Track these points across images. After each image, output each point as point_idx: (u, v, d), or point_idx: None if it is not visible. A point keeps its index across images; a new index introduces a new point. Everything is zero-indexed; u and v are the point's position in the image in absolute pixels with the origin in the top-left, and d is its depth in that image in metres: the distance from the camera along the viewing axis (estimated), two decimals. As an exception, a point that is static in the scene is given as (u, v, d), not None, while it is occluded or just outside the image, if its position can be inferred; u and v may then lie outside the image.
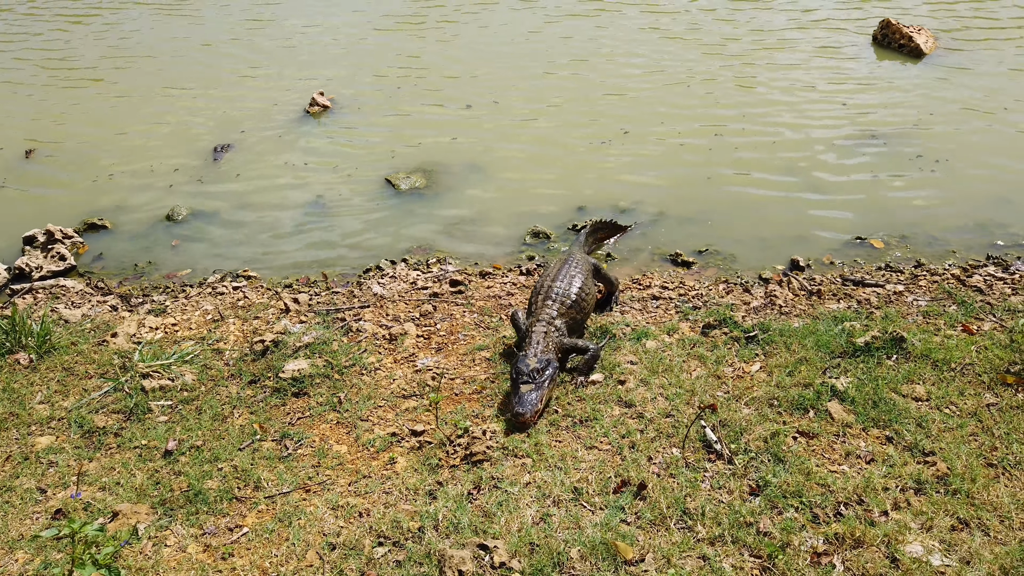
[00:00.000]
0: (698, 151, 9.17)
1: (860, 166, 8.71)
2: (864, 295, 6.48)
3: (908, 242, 7.38)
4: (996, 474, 4.35)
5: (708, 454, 4.61)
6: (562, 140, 9.63)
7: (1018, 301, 6.22)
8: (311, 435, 5.08)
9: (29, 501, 4.60)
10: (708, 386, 5.26)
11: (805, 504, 4.15)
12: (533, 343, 5.37)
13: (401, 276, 7.23)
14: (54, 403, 5.51)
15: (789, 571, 3.69)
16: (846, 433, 4.73)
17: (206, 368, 5.86)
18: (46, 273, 7.57)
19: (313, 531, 4.20)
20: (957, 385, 5.11)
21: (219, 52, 13.19)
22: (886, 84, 10.77)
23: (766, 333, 5.83)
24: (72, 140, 10.22)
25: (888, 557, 3.76)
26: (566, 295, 5.77)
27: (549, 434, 4.88)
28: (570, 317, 5.72)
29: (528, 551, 3.86)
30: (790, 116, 9.90)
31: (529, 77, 11.52)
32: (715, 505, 4.17)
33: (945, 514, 4.04)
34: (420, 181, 8.90)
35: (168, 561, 4.05)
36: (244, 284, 7.27)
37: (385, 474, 4.66)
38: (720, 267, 7.18)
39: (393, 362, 5.87)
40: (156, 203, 8.74)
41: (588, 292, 5.98)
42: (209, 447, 4.98)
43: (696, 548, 3.88)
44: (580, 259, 6.26)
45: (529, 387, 4.98)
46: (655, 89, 10.88)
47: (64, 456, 4.97)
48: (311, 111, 10.68)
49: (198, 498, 4.50)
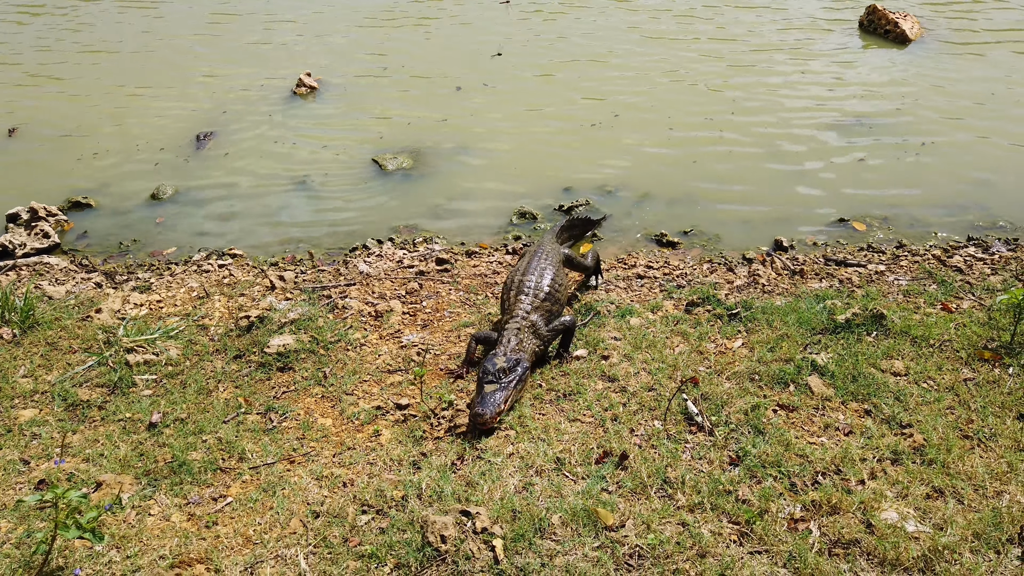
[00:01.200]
0: (686, 134, 9.20)
1: (844, 149, 8.77)
2: (846, 275, 6.54)
3: (890, 224, 7.46)
4: (971, 445, 4.43)
5: (689, 426, 4.67)
6: (551, 123, 9.64)
7: (997, 280, 6.30)
8: (296, 408, 5.09)
9: (12, 472, 4.59)
10: (690, 361, 5.31)
11: (784, 473, 4.21)
12: (505, 341, 5.18)
13: (387, 255, 7.24)
14: (37, 377, 5.49)
15: (767, 536, 3.76)
16: (825, 406, 4.80)
17: (191, 343, 5.86)
18: (30, 250, 7.53)
19: (297, 500, 4.22)
20: (935, 361, 5.18)
21: (205, 36, 13.08)
22: (871, 70, 10.83)
23: (749, 311, 5.89)
24: (57, 120, 10.12)
25: (864, 523, 3.83)
26: (538, 288, 5.56)
27: (533, 407, 4.92)
28: (545, 310, 5.49)
29: (510, 518, 3.90)
30: (776, 100, 9.94)
31: (519, 61, 11.49)
32: (695, 474, 4.23)
33: (921, 483, 4.12)
34: (407, 162, 8.89)
35: (152, 529, 4.07)
36: (230, 262, 7.25)
37: (370, 446, 4.68)
38: (705, 247, 7.23)
39: (379, 338, 5.88)
40: (141, 182, 8.68)
41: (561, 283, 5.77)
42: (194, 420, 4.99)
43: (676, 515, 3.93)
44: (549, 250, 6.05)
45: (494, 387, 4.75)
46: (646, 74, 10.89)
47: (47, 428, 4.96)
48: (298, 92, 10.63)
49: (182, 469, 4.52)
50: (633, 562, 3.64)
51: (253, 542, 3.94)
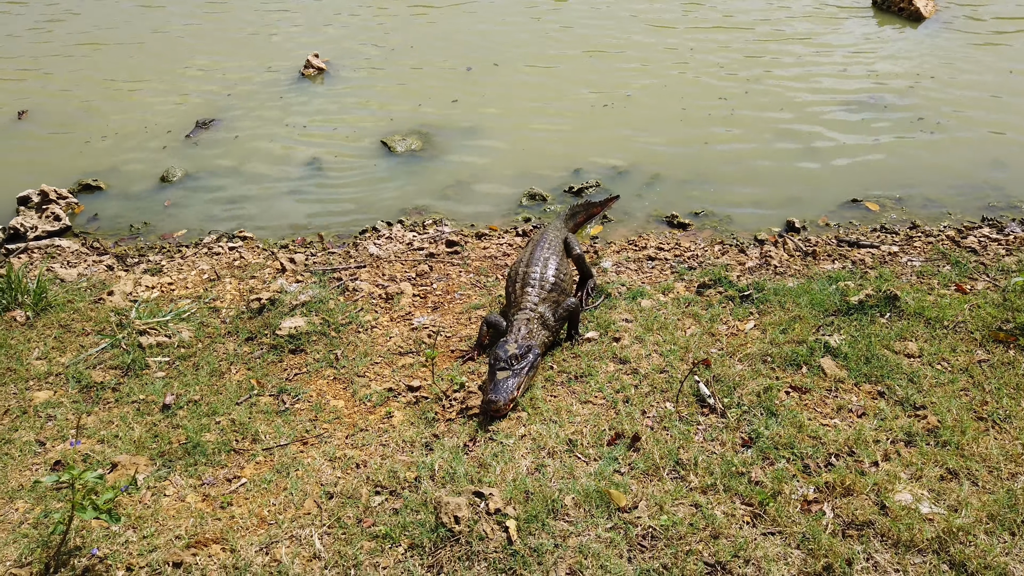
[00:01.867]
0: (698, 115, 9.11)
1: (857, 129, 8.67)
2: (859, 256, 6.50)
3: (903, 204, 7.39)
4: (986, 427, 4.40)
5: (701, 408, 4.66)
6: (562, 103, 9.56)
7: (1012, 261, 6.24)
8: (308, 390, 5.11)
9: (28, 453, 4.64)
10: (702, 343, 5.29)
11: (796, 455, 4.20)
12: (515, 329, 5.13)
13: (397, 237, 7.23)
14: (51, 359, 5.53)
15: (780, 517, 3.75)
16: (838, 388, 4.78)
17: (203, 325, 5.87)
18: (41, 233, 7.55)
19: (311, 481, 4.25)
20: (949, 342, 5.15)
21: (210, 19, 13.02)
22: (886, 48, 10.69)
23: (761, 292, 5.85)
24: (65, 103, 10.12)
25: (877, 504, 3.82)
26: (544, 279, 5.50)
27: (544, 389, 4.92)
28: (552, 300, 5.43)
29: (523, 499, 3.91)
30: (789, 81, 9.83)
31: (531, 41, 11.40)
32: (708, 456, 4.22)
33: (935, 465, 4.10)
34: (416, 144, 8.85)
35: (167, 509, 4.10)
36: (240, 244, 7.26)
37: (382, 427, 4.70)
38: (716, 229, 7.18)
39: (390, 320, 5.88)
40: (150, 165, 8.69)
41: (565, 272, 5.72)
42: (207, 401, 5.01)
43: (688, 496, 3.93)
44: (552, 238, 6.00)
45: (506, 374, 4.72)
46: (657, 55, 10.78)
47: (62, 410, 5.00)
48: (306, 74, 10.58)
49: (196, 450, 4.54)
50: (646, 543, 3.65)
51: (268, 522, 3.96)
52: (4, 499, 4.25)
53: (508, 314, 5.44)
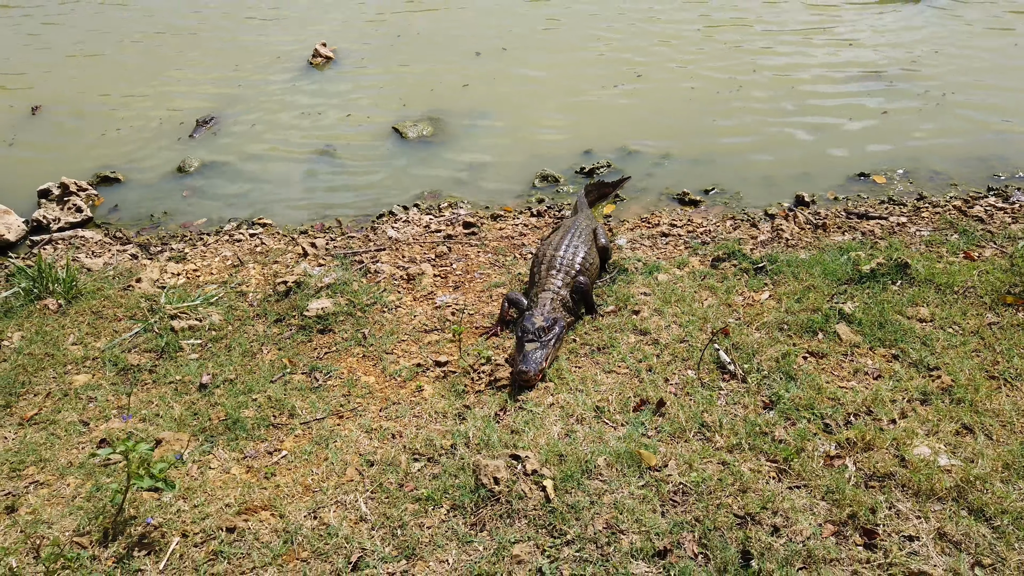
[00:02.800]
0: (706, 95, 9.24)
1: (862, 105, 8.81)
2: (868, 227, 6.65)
3: (910, 176, 7.53)
4: (998, 385, 4.57)
5: (722, 374, 4.82)
6: (572, 85, 9.69)
7: (1018, 229, 6.39)
8: (339, 368, 5.27)
9: (73, 433, 4.80)
10: (720, 314, 5.45)
11: (817, 415, 4.37)
12: (541, 303, 5.30)
13: (414, 220, 7.38)
14: (87, 344, 5.68)
15: (804, 472, 3.92)
16: (854, 352, 4.94)
17: (231, 309, 6.03)
18: (64, 224, 7.69)
19: (350, 452, 4.41)
20: (960, 306, 5.31)
21: (216, 7, 13.10)
22: (887, 25, 10.80)
23: (774, 264, 6.01)
24: (78, 98, 10.23)
25: (897, 458, 3.99)
26: (571, 265, 5.62)
27: (569, 361, 5.08)
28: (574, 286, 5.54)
29: (557, 460, 4.08)
30: (794, 59, 9.96)
31: (539, 25, 11.49)
32: (731, 418, 4.39)
33: (950, 421, 4.27)
34: (428, 129, 8.98)
35: (214, 481, 4.27)
36: (260, 231, 7.40)
37: (414, 400, 4.86)
38: (727, 205, 7.33)
39: (413, 300, 6.04)
40: (167, 155, 8.82)
41: (592, 261, 5.84)
42: (242, 380, 5.17)
43: (716, 455, 4.10)
44: (584, 226, 6.15)
45: (534, 345, 4.88)
46: (665, 35, 10.89)
47: (102, 392, 5.16)
48: (314, 63, 10.69)
49: (236, 426, 4.70)
50: (678, 498, 3.82)
51: (312, 490, 4.13)
52: (55, 476, 4.42)
53: (531, 293, 5.60)
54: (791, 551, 3.47)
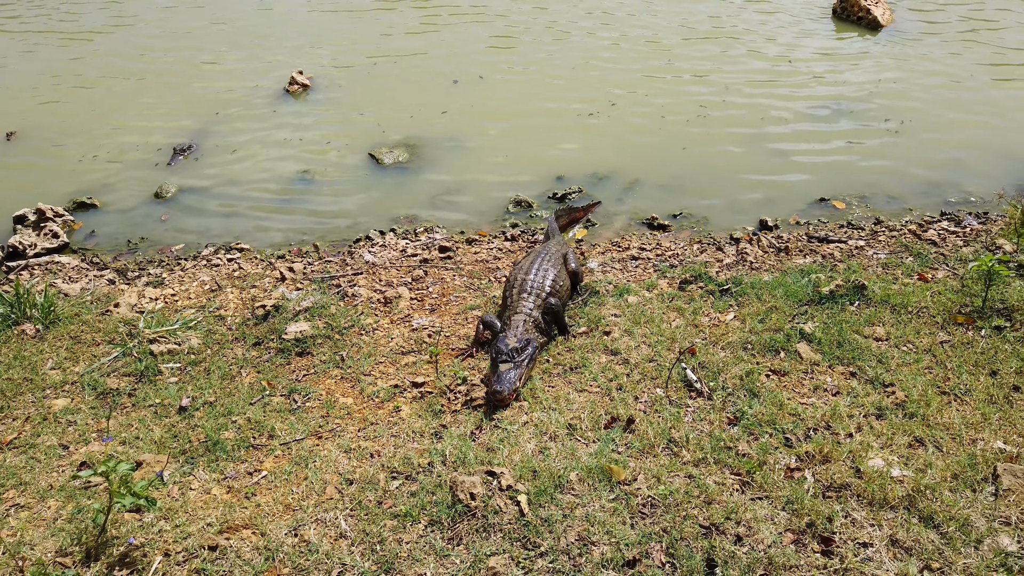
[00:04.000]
0: (676, 123, 9.55)
1: (822, 133, 9.18)
2: (828, 250, 6.93)
3: (868, 202, 7.87)
4: (949, 400, 4.82)
5: (689, 392, 5.02)
6: (547, 113, 9.94)
7: (969, 252, 6.72)
8: (318, 389, 5.38)
9: (53, 456, 4.84)
10: (687, 334, 5.66)
11: (778, 430, 4.57)
12: (514, 325, 5.47)
13: (391, 245, 7.53)
14: (65, 368, 5.73)
15: (766, 484, 4.12)
16: (814, 370, 5.17)
17: (210, 333, 6.12)
18: (40, 250, 7.73)
19: (329, 471, 4.52)
20: (913, 326, 5.58)
21: (192, 37, 13.24)
22: (847, 55, 11.26)
23: (739, 286, 6.25)
24: (53, 123, 10.28)
25: (853, 470, 4.20)
26: (541, 288, 5.79)
27: (542, 380, 5.25)
28: (546, 308, 5.71)
29: (531, 476, 4.23)
30: (758, 88, 10.34)
31: (516, 55, 11.77)
32: (697, 434, 4.58)
33: (903, 434, 4.50)
34: (403, 155, 9.17)
35: (195, 501, 4.35)
36: (238, 256, 7.51)
37: (391, 420, 4.99)
38: (694, 229, 7.59)
39: (390, 323, 6.18)
40: (144, 182, 8.90)
41: (562, 284, 6.01)
42: (221, 403, 5.26)
43: (682, 469, 4.29)
44: (554, 251, 6.33)
45: (508, 366, 5.06)
46: (635, 66, 11.24)
47: (82, 416, 5.21)
48: (291, 90, 10.86)
49: (216, 447, 4.79)
50: (647, 510, 3.99)
51: (293, 508, 4.23)
52: (36, 499, 4.46)
53: (504, 316, 5.77)
54: (753, 559, 3.65)
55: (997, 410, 4.68)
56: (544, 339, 5.62)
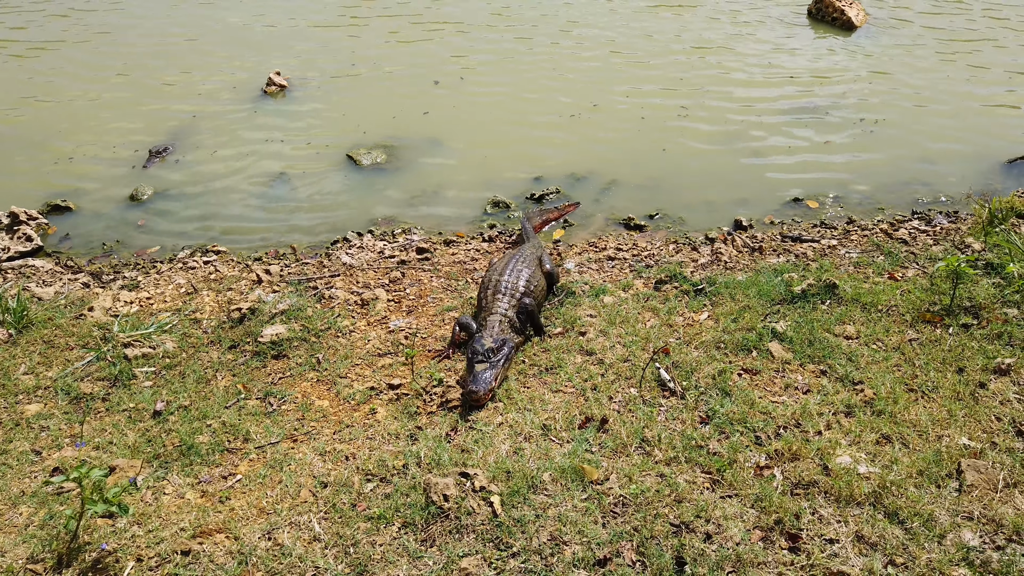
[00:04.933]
0: (654, 124, 9.61)
1: (797, 134, 9.28)
2: (801, 250, 7.02)
3: (841, 202, 7.97)
4: (916, 397, 4.91)
5: (663, 392, 5.07)
6: (525, 115, 9.97)
7: (939, 250, 6.83)
8: (293, 392, 5.38)
9: (25, 462, 4.82)
10: (661, 334, 5.72)
11: (749, 429, 4.64)
12: (489, 326, 5.52)
13: (368, 246, 7.53)
14: (38, 373, 5.69)
15: (736, 482, 4.18)
16: (785, 369, 5.25)
17: (186, 336, 6.10)
18: (13, 254, 7.65)
19: (304, 474, 4.53)
20: (883, 324, 5.67)
21: (169, 41, 13.14)
22: (820, 56, 11.39)
23: (713, 286, 6.32)
24: (27, 125, 10.17)
25: (821, 467, 4.27)
26: (515, 288, 5.84)
27: (518, 381, 5.28)
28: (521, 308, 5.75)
29: (505, 477, 4.26)
30: (734, 88, 10.43)
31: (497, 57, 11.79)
32: (670, 433, 4.63)
33: (871, 431, 4.58)
34: (381, 156, 9.17)
35: (169, 506, 4.35)
36: (214, 258, 7.48)
37: (367, 423, 5.00)
38: (670, 229, 7.66)
39: (367, 325, 6.19)
40: (119, 184, 8.83)
41: (537, 284, 6.04)
42: (196, 407, 5.25)
43: (654, 468, 4.34)
44: (528, 253, 6.38)
45: (484, 366, 5.09)
46: (615, 68, 11.30)
47: (55, 421, 5.18)
48: (268, 91, 10.82)
49: (191, 451, 4.78)
50: (618, 510, 4.04)
51: (267, 512, 4.24)
52: (7, 505, 4.44)
53: (479, 317, 5.80)
54: (722, 556, 3.71)
55: (963, 407, 4.77)
56: (520, 339, 5.66)
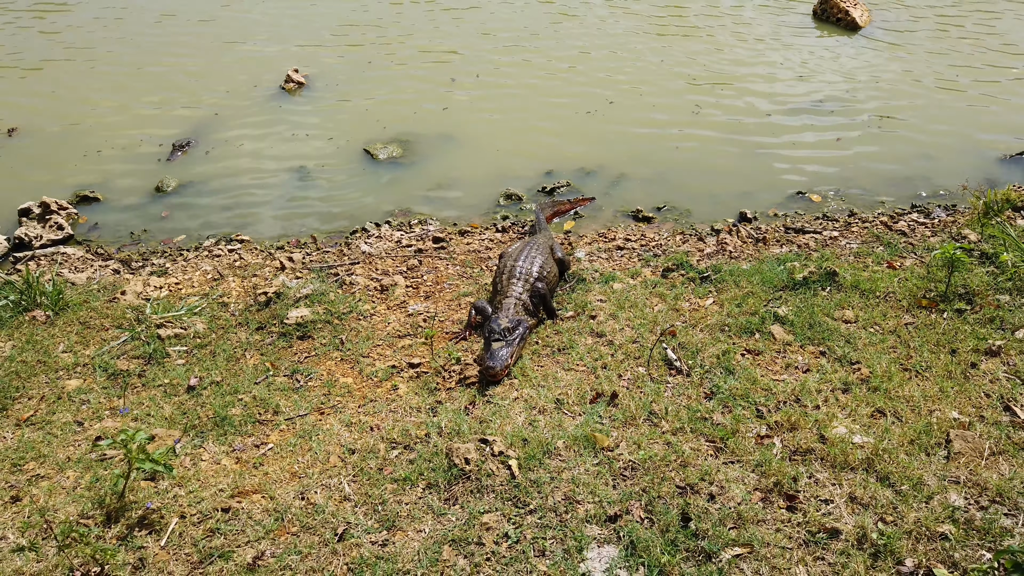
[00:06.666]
0: (664, 120, 9.89)
1: (801, 129, 9.55)
2: (804, 240, 7.29)
3: (843, 195, 8.24)
4: (910, 376, 5.17)
5: (669, 370, 5.35)
6: (539, 109, 10.25)
7: (937, 242, 7.09)
8: (319, 370, 5.68)
9: (69, 432, 5.13)
10: (668, 317, 6.00)
11: (751, 403, 4.92)
12: (505, 308, 5.86)
13: (386, 236, 7.83)
14: (76, 352, 6.01)
15: (738, 449, 4.46)
16: (786, 350, 5.52)
17: (214, 318, 6.41)
18: (46, 242, 7.98)
19: (332, 443, 4.83)
20: (881, 309, 5.93)
21: (190, 37, 13.47)
22: (826, 55, 11.64)
23: (718, 274, 6.60)
24: (55, 119, 10.50)
25: (818, 436, 4.55)
26: (528, 273, 6.13)
27: (532, 360, 5.57)
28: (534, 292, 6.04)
29: (521, 444, 4.55)
30: (741, 85, 10.70)
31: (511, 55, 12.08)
32: (676, 407, 4.92)
33: (867, 406, 4.85)
34: (397, 150, 9.47)
35: (206, 471, 4.65)
36: (239, 247, 7.79)
37: (390, 398, 5.30)
38: (677, 221, 7.93)
39: (386, 309, 6.48)
40: (145, 176, 9.14)
41: (549, 270, 6.33)
42: (228, 382, 5.55)
43: (661, 437, 4.62)
44: (541, 241, 6.69)
45: (500, 344, 5.40)
46: (627, 67, 11.58)
47: (94, 395, 5.50)
48: (287, 88, 11.13)
49: (224, 423, 5.09)
50: (628, 473, 4.32)
51: (299, 476, 4.54)
52: (55, 470, 4.75)
53: (494, 301, 6.09)
54: (724, 514, 3.99)
55: (954, 385, 5.04)
56: (533, 321, 5.95)
